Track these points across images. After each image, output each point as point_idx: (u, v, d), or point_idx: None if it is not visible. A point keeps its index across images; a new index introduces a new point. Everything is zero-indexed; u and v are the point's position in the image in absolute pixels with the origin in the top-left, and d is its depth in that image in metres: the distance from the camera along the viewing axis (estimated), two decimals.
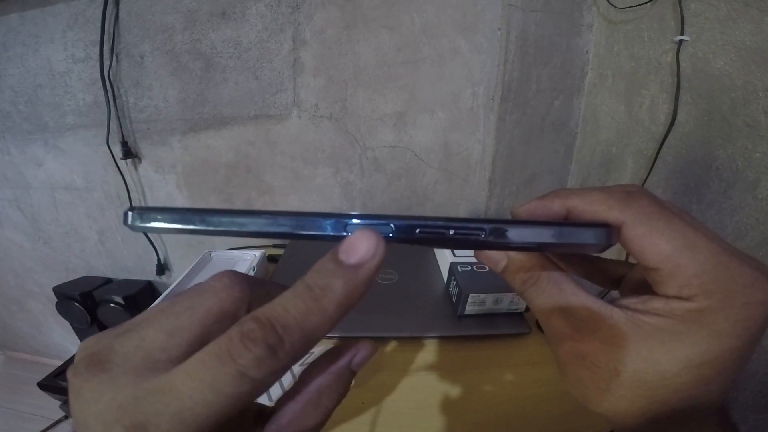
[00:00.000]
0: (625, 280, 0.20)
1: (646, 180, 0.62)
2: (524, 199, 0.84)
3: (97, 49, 0.72)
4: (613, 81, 0.70)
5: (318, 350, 0.49)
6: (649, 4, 0.59)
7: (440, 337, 0.53)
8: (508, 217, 0.17)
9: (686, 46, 0.54)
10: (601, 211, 0.16)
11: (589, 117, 0.77)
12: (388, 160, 0.79)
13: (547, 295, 0.17)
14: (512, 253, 0.18)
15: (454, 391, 0.46)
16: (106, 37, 0.72)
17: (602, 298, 0.17)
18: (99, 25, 0.70)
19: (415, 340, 0.54)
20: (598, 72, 0.73)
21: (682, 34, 0.54)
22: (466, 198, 0.82)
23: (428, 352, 0.52)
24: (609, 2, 0.65)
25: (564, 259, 0.20)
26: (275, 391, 0.43)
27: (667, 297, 0.15)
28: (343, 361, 0.16)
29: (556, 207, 0.17)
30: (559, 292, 0.17)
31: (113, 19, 0.72)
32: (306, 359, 0.47)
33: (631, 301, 0.16)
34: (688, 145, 0.56)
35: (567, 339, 0.17)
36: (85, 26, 0.72)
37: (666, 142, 0.58)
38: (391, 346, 0.53)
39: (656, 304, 0.15)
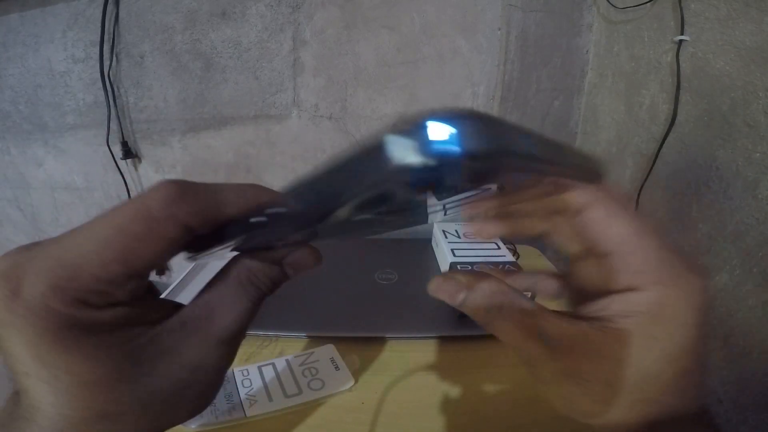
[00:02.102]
0: (570, 288, 0.20)
1: (646, 180, 0.62)
2: None
3: (97, 49, 0.72)
4: (613, 81, 0.70)
5: (317, 350, 0.49)
6: (649, 4, 0.59)
7: (440, 337, 0.53)
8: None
9: (686, 46, 0.54)
10: (570, 191, 0.17)
11: (589, 117, 0.77)
12: None
13: (514, 322, 0.17)
14: (473, 284, 0.17)
15: (454, 391, 0.46)
16: (106, 37, 0.72)
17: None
18: (99, 25, 0.70)
19: (415, 340, 0.54)
20: (598, 72, 0.73)
21: (682, 34, 0.54)
22: None
23: (428, 352, 0.52)
24: (609, 2, 0.65)
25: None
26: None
27: (620, 292, 0.16)
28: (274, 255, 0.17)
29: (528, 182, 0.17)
30: (528, 317, 0.16)
31: (113, 19, 0.72)
32: (306, 359, 0.47)
33: (591, 310, 0.16)
34: (688, 145, 0.56)
35: (548, 360, 0.16)
36: (85, 26, 0.72)
37: (666, 142, 0.58)
38: (391, 346, 0.53)
39: (615, 305, 0.16)
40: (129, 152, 0.81)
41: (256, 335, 0.54)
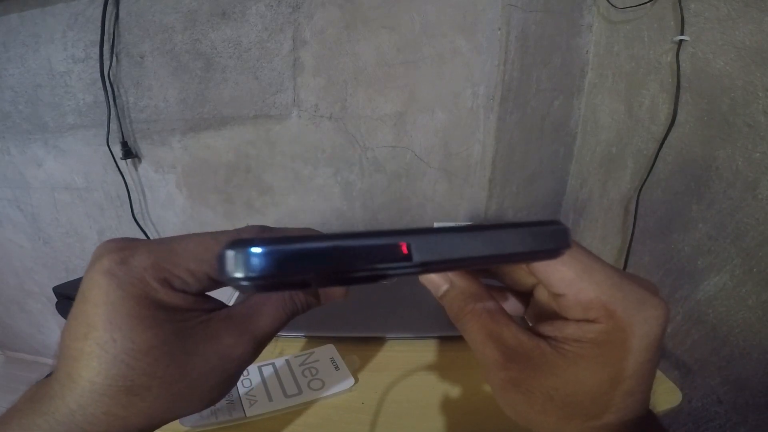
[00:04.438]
0: (532, 303, 0.22)
1: (646, 180, 0.62)
2: (524, 199, 0.84)
3: (97, 49, 0.72)
4: (613, 81, 0.70)
5: (317, 350, 0.49)
6: (649, 4, 0.59)
7: (440, 337, 0.53)
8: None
9: (686, 46, 0.54)
10: None
11: (589, 117, 0.77)
12: (388, 160, 0.79)
13: (481, 324, 0.18)
14: (455, 280, 0.19)
15: (454, 391, 0.46)
16: (106, 37, 0.72)
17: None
18: (99, 25, 0.70)
19: (415, 340, 0.54)
20: (598, 72, 0.73)
21: (682, 34, 0.54)
22: (466, 198, 0.82)
23: (428, 352, 0.52)
24: (609, 2, 0.65)
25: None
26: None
27: (577, 321, 0.17)
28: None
29: None
30: (493, 322, 0.18)
31: (113, 19, 0.72)
32: (306, 359, 0.47)
33: (548, 328, 0.18)
34: (688, 145, 0.56)
35: (501, 368, 0.17)
36: (85, 26, 0.72)
37: (666, 142, 0.58)
38: (391, 346, 0.53)
39: (569, 330, 0.17)
40: (129, 152, 0.81)
41: None
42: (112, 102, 0.76)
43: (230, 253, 0.12)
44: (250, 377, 0.46)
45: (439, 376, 0.48)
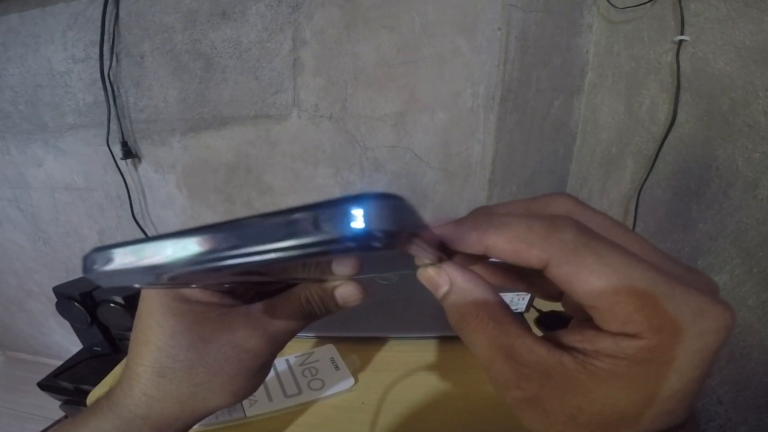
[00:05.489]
0: (565, 298, 0.18)
1: (646, 180, 0.62)
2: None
3: (97, 49, 0.72)
4: (613, 81, 0.70)
5: (317, 350, 0.49)
6: (649, 4, 0.59)
7: (440, 337, 0.53)
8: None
9: (686, 46, 0.54)
10: (522, 250, 0.14)
11: (589, 117, 0.77)
12: (388, 160, 0.79)
13: (488, 336, 0.15)
14: (455, 279, 0.16)
15: (454, 391, 0.46)
16: (106, 37, 0.72)
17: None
18: (99, 25, 0.70)
19: (415, 340, 0.54)
20: (598, 72, 0.73)
21: (682, 34, 0.54)
22: (466, 198, 0.82)
23: (428, 352, 0.52)
24: (609, 2, 0.65)
25: (504, 275, 0.18)
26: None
27: (613, 334, 0.13)
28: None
29: (472, 241, 0.14)
30: (503, 333, 0.15)
31: (113, 19, 0.72)
32: (306, 359, 0.48)
33: (577, 339, 0.14)
34: (688, 145, 0.56)
35: (514, 387, 0.15)
36: (85, 26, 0.72)
37: (666, 142, 0.58)
38: (391, 346, 0.53)
39: (603, 343, 0.14)
40: (129, 152, 0.81)
41: None
42: (112, 102, 0.76)
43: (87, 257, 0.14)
44: None
45: (439, 376, 0.48)
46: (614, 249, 0.13)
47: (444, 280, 0.16)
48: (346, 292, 0.20)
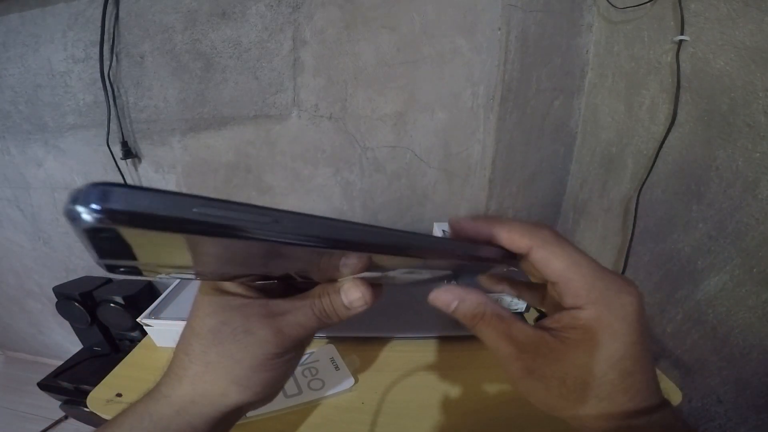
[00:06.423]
0: (546, 300, 0.24)
1: (646, 180, 0.62)
2: (524, 199, 0.84)
3: (97, 49, 0.72)
4: (613, 81, 0.70)
5: (317, 350, 0.49)
6: (649, 4, 0.59)
7: (440, 337, 0.53)
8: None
9: (686, 46, 0.54)
10: (515, 239, 0.20)
11: (589, 117, 0.77)
12: (388, 160, 0.79)
13: (493, 326, 0.21)
14: (464, 295, 0.21)
15: (454, 391, 0.46)
16: (106, 37, 0.72)
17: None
18: (99, 25, 0.70)
19: (415, 340, 0.54)
20: (598, 72, 0.73)
21: (682, 34, 0.54)
22: (466, 198, 0.82)
23: (428, 352, 0.52)
24: (609, 2, 0.65)
25: (511, 288, 0.26)
26: None
27: (568, 309, 0.19)
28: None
29: (483, 231, 0.21)
30: (503, 323, 0.21)
31: (113, 19, 0.72)
32: (306, 359, 0.48)
33: (549, 321, 0.20)
34: (688, 145, 0.56)
35: (515, 359, 0.20)
36: (85, 26, 0.72)
37: (666, 142, 0.58)
38: (391, 346, 0.53)
39: (565, 319, 0.19)
40: (129, 152, 0.81)
41: None
42: (112, 102, 0.76)
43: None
44: None
45: (439, 376, 0.48)
46: (572, 246, 0.20)
47: (453, 297, 0.21)
48: (350, 290, 0.21)
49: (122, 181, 0.15)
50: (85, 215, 0.09)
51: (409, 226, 0.85)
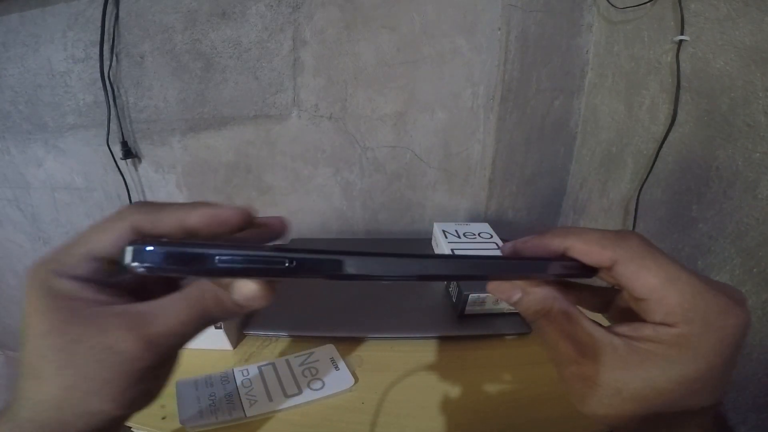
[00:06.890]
0: (613, 306, 0.23)
1: (646, 180, 0.62)
2: (524, 199, 0.84)
3: (97, 49, 0.72)
4: (613, 81, 0.70)
5: (317, 350, 0.49)
6: (649, 4, 0.59)
7: (440, 337, 0.53)
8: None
9: (686, 46, 0.54)
10: (596, 251, 0.18)
11: (589, 117, 0.77)
12: (388, 160, 0.79)
13: (557, 323, 0.19)
14: (528, 289, 0.20)
15: (454, 391, 0.46)
16: (106, 37, 0.72)
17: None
18: (99, 25, 0.70)
19: (415, 340, 0.54)
20: (598, 72, 0.73)
21: (682, 34, 0.54)
22: (466, 198, 0.82)
23: (428, 352, 0.52)
24: (609, 2, 0.65)
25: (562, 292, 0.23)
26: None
27: (655, 323, 0.18)
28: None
29: (554, 245, 0.20)
30: (568, 321, 0.19)
31: (113, 19, 0.72)
32: (306, 359, 0.47)
33: (625, 329, 0.19)
34: (688, 145, 0.56)
35: (572, 362, 0.19)
36: (85, 26, 0.72)
37: (666, 142, 0.58)
38: (391, 346, 0.53)
39: (646, 331, 0.18)
40: (129, 152, 0.81)
41: (257, 335, 0.54)
42: (112, 102, 0.76)
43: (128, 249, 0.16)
44: (250, 377, 0.46)
45: (439, 376, 0.48)
46: (668, 258, 0.18)
47: (516, 290, 0.20)
48: (244, 286, 0.18)
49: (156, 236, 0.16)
50: (139, 269, 0.16)
51: (409, 226, 0.85)
